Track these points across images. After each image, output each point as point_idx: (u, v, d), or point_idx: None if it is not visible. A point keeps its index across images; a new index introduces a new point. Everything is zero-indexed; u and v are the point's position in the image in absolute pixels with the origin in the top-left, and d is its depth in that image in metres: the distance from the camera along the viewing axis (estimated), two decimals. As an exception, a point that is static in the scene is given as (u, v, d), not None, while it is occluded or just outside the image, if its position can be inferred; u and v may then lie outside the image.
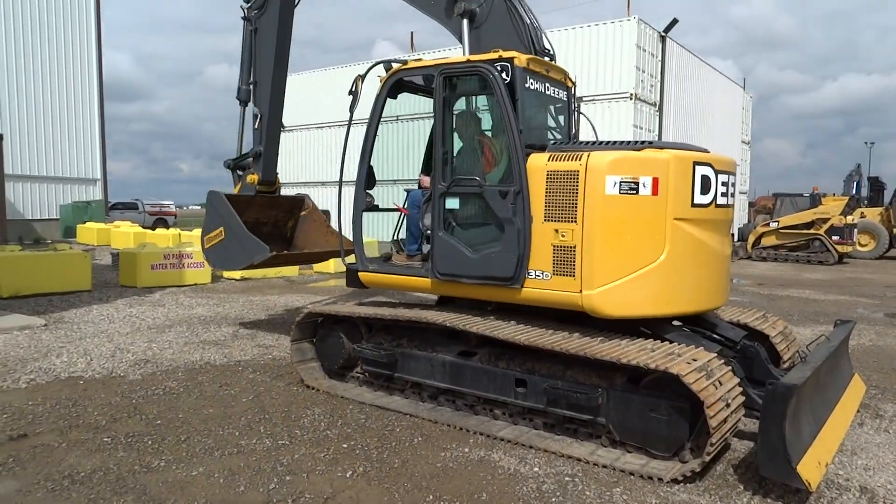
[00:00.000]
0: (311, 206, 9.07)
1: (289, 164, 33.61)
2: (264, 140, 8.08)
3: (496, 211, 4.99)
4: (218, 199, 7.68)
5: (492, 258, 5.03)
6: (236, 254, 7.49)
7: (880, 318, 10.68)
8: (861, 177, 26.43)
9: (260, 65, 8.02)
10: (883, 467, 4.40)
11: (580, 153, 4.74)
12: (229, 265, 8.13)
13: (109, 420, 5.06)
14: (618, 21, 22.77)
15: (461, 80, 5.37)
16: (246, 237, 7.38)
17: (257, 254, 7.32)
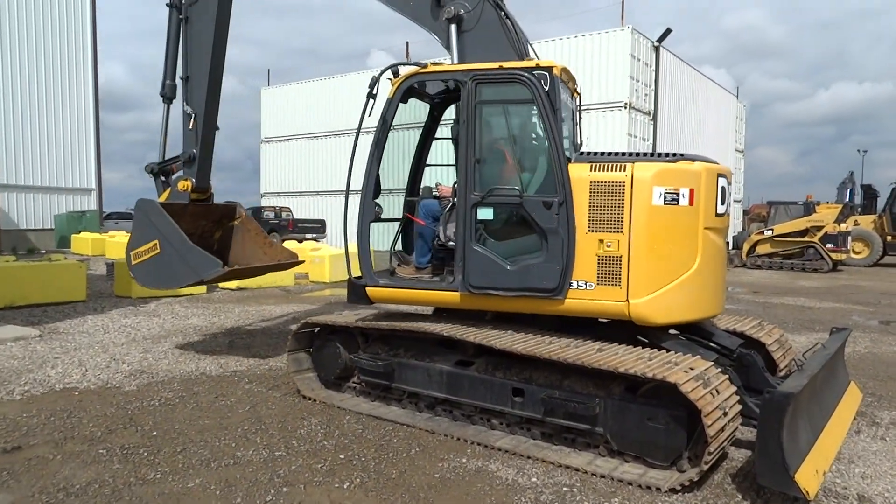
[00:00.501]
0: (243, 216, 8.05)
1: (282, 174, 33.65)
2: (199, 143, 7.22)
3: (539, 222, 4.89)
4: (152, 209, 6.87)
5: (533, 269, 4.93)
6: (177, 270, 6.69)
7: (875, 326, 10.71)
8: (854, 184, 26.61)
9: (193, 58, 7.21)
10: (880, 475, 4.40)
11: (622, 164, 4.82)
12: (166, 283, 7.13)
13: (105, 431, 5.03)
14: (612, 31, 22.92)
15: (495, 87, 5.17)
16: (191, 251, 6.63)
17: (207, 270, 6.60)
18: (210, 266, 6.57)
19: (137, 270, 6.99)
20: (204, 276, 6.65)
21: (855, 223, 23.42)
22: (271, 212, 30.29)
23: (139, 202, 7.03)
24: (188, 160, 7.28)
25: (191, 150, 7.25)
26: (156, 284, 7.17)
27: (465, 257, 5.11)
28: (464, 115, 5.14)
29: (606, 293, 4.82)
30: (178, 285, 7.15)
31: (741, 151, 34.70)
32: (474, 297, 5.16)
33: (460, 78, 5.18)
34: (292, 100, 33.06)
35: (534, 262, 4.95)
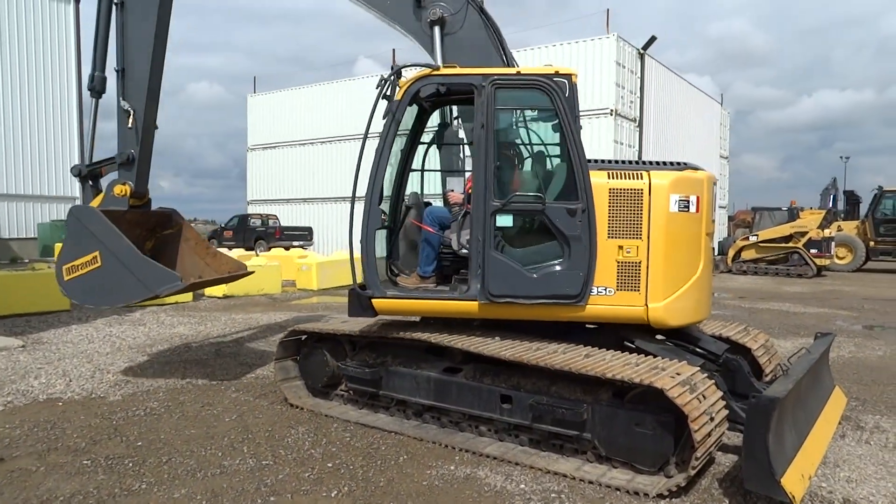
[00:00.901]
0: (180, 224, 7.22)
1: (269, 181, 33.53)
2: (140, 142, 6.47)
3: (562, 229, 4.88)
4: (91, 217, 6.15)
5: (556, 277, 4.92)
6: (123, 285, 6.00)
7: (859, 331, 10.81)
8: (837, 190, 26.92)
9: (131, 48, 6.46)
10: (865, 479, 4.43)
11: (639, 172, 4.97)
12: (109, 300, 6.45)
13: (89, 442, 4.97)
14: (597, 38, 23.08)
15: (514, 92, 5.08)
16: (143, 264, 6.01)
17: (162, 284, 5.97)
18: (166, 280, 5.98)
19: (72, 287, 6.19)
20: (158, 291, 5.99)
21: (838, 229, 23.65)
22: (258, 219, 30.22)
23: (74, 209, 6.30)
24: (126, 162, 6.51)
25: (129, 150, 6.49)
26: (96, 302, 6.53)
27: (485, 265, 4.95)
28: (482, 120, 4.98)
29: (626, 298, 4.92)
30: (123, 302, 6.58)
31: (726, 158, 34.98)
32: (494, 307, 5.03)
33: (478, 82, 5.01)
34: (279, 107, 32.97)
35: (555, 269, 4.93)
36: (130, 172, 6.54)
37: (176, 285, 5.99)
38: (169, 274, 6.02)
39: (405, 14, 5.84)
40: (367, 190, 5.22)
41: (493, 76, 4.98)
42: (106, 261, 6.00)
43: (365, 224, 5.22)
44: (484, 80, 4.98)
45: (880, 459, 4.80)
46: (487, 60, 5.58)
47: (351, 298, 5.38)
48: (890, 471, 4.58)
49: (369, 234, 5.23)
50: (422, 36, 5.81)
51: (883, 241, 22.93)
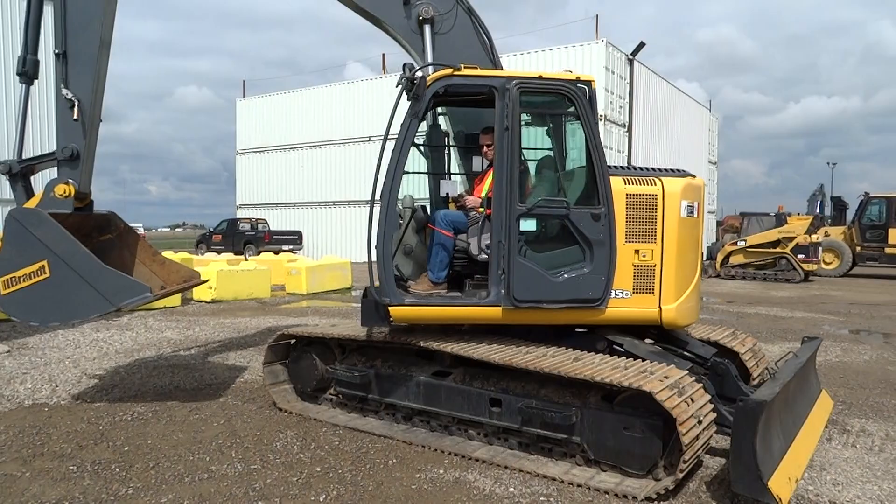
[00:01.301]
0: (121, 228, 6.45)
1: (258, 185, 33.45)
2: (87, 136, 5.71)
3: (586, 233, 4.93)
4: (38, 221, 5.35)
5: (580, 280, 4.95)
6: (78, 299, 5.29)
7: (845, 335, 10.89)
8: (824, 196, 27.14)
9: (73, 28, 5.68)
10: (851, 482, 4.46)
11: (651, 178, 5.13)
12: (59, 315, 5.55)
13: (75, 448, 4.93)
14: (586, 44, 23.22)
15: (538, 97, 5.08)
16: (105, 274, 5.30)
17: (129, 296, 5.32)
18: (133, 292, 5.32)
19: (11, 302, 5.35)
20: (122, 303, 5.33)
21: (825, 234, 23.83)
22: (247, 223, 30.11)
23: (14, 212, 5.44)
24: (69, 158, 5.69)
25: (72, 144, 5.68)
26: (42, 318, 5.52)
27: (510, 270, 4.88)
28: (505, 124, 4.91)
29: (641, 301, 5.07)
30: (78, 318, 5.83)
31: (714, 163, 35.23)
32: (517, 312, 4.97)
33: (501, 84, 4.93)
34: (268, 111, 32.94)
35: (579, 273, 4.96)
36: (75, 170, 5.71)
37: (144, 297, 5.35)
38: (135, 285, 5.36)
39: (393, 11, 5.72)
40: (384, 192, 4.91)
41: (516, 79, 4.94)
42: (56, 271, 5.26)
43: (382, 228, 4.93)
44: (508, 82, 4.92)
45: (866, 463, 4.84)
46: (477, 63, 5.60)
47: (365, 307, 5.20)
48: (875, 474, 4.62)
49: (386, 238, 4.97)
50: (411, 35, 5.70)
51: (869, 246, 23.13)
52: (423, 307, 5.07)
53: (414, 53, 5.81)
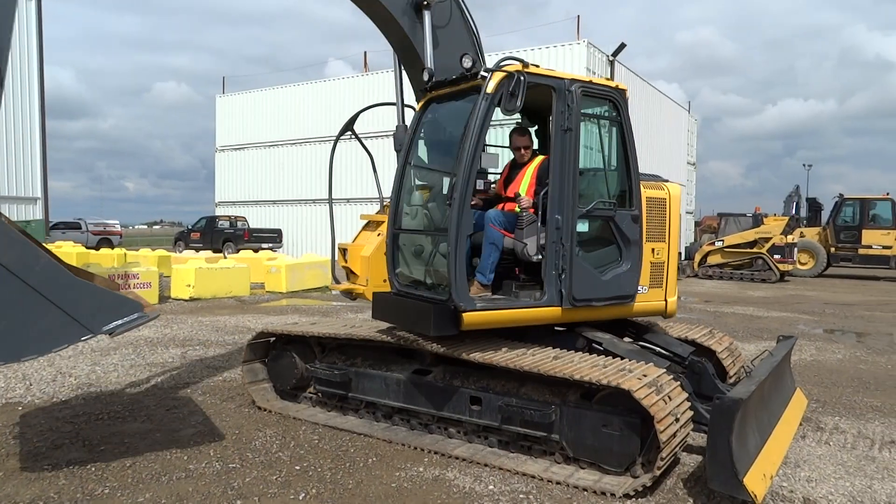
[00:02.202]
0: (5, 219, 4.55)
1: (238, 182, 33.20)
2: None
3: (627, 234, 5.18)
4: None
5: (621, 278, 5.20)
6: (40, 326, 3.75)
7: (820, 334, 11.06)
8: (800, 198, 27.42)
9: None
10: (824, 479, 4.54)
11: (659, 183, 5.60)
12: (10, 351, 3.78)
13: (50, 447, 4.86)
14: (568, 44, 23.33)
15: (592, 100, 5.14)
16: (81, 291, 3.87)
17: (116, 317, 3.91)
18: (121, 312, 3.95)
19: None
20: (106, 328, 3.85)
21: (801, 235, 24.16)
22: (226, 221, 29.85)
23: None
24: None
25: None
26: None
27: (571, 271, 4.93)
28: (565, 125, 4.91)
29: (654, 295, 5.49)
30: (39, 352, 3.88)
31: (693, 164, 35.56)
32: (573, 311, 5.06)
33: (562, 86, 4.92)
34: (248, 108, 32.68)
35: (619, 271, 5.21)
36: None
37: (135, 319, 3.97)
38: (122, 302, 4.03)
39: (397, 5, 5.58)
40: (460, 193, 4.61)
41: (578, 81, 5.02)
42: (3, 290, 3.68)
43: (455, 227, 4.60)
44: (570, 84, 4.95)
45: (839, 459, 4.92)
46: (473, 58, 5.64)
47: (436, 314, 4.69)
48: (848, 470, 4.70)
49: (460, 239, 4.64)
50: (406, 22, 5.59)
51: (843, 247, 23.52)
52: (491, 311, 4.87)
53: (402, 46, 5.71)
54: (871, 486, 4.41)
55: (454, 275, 4.60)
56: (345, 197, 25.02)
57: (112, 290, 4.19)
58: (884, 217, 23.23)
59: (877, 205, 23.43)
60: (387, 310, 5.28)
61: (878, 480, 4.53)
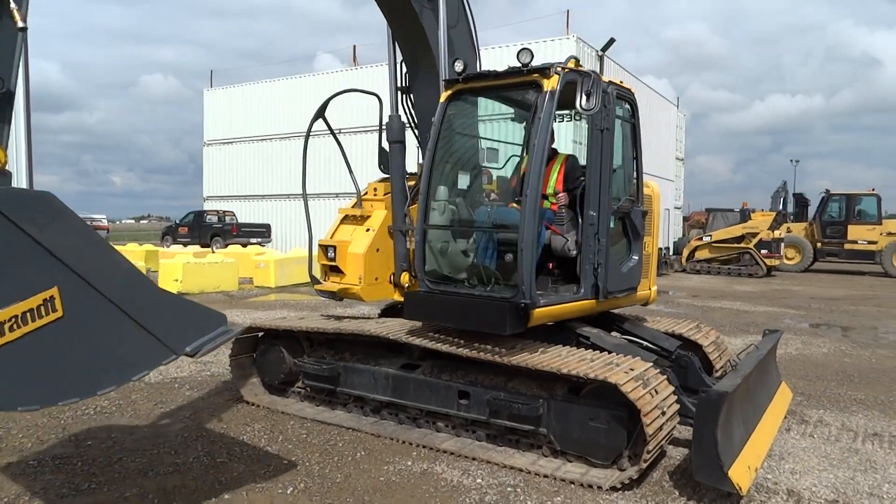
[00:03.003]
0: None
1: (226, 177, 33.03)
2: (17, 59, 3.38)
3: (639, 229, 5.46)
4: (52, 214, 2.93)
5: (633, 270, 5.48)
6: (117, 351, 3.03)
7: (806, 328, 11.16)
8: (787, 193, 27.56)
9: None
10: (808, 471, 4.59)
11: (646, 182, 5.69)
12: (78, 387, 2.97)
13: (36, 442, 4.84)
14: (557, 39, 23.32)
15: (621, 102, 5.24)
16: (167, 303, 3.23)
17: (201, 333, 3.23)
18: (206, 327, 3.28)
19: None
20: (190, 348, 3.15)
21: (788, 230, 24.31)
22: (214, 216, 29.71)
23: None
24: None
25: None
26: (46, 395, 2.94)
27: (607, 265, 5.04)
28: (602, 125, 4.96)
29: (644, 284, 5.76)
30: (111, 385, 3.06)
31: (681, 160, 35.67)
32: (602, 303, 5.21)
33: (603, 87, 4.94)
34: (236, 102, 32.46)
35: (631, 264, 5.46)
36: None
37: (220, 335, 3.30)
38: (208, 315, 3.35)
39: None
40: (532, 191, 4.52)
41: (613, 83, 5.14)
42: (75, 306, 2.93)
43: (529, 228, 4.52)
44: (608, 85, 5.03)
45: (823, 452, 4.97)
46: (465, 50, 5.63)
47: (502, 311, 4.55)
48: (831, 462, 4.75)
49: (531, 234, 4.53)
50: (426, 14, 5.52)
51: (829, 242, 23.71)
52: (551, 307, 4.83)
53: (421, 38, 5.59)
54: (854, 478, 4.46)
55: (527, 272, 4.48)
56: (333, 192, 24.94)
57: (193, 301, 3.45)
58: (869, 213, 23.41)
59: (862, 200, 23.62)
60: (431, 309, 5.03)
61: (861, 472, 4.58)
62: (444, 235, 5.26)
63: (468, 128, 5.63)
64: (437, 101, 5.56)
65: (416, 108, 6.04)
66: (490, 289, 4.84)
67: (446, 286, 5.05)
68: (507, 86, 5.07)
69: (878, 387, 7.03)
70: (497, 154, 6.17)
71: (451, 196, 5.31)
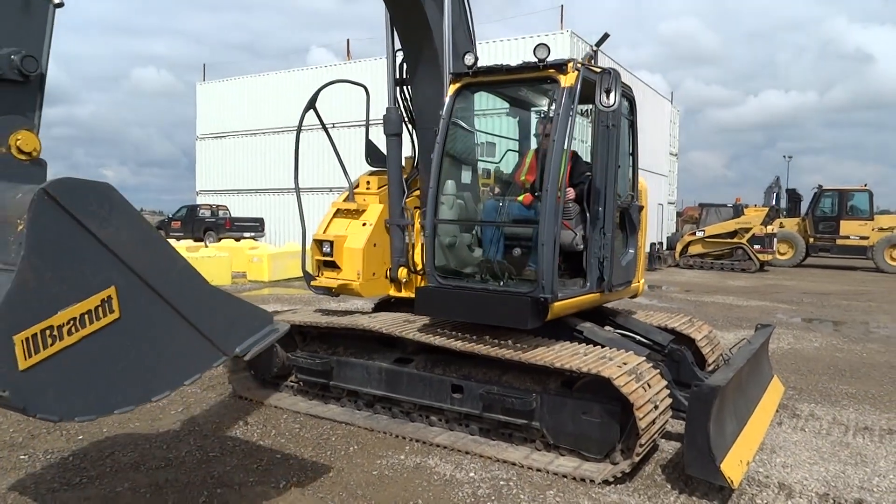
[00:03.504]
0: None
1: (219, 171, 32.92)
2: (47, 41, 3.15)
3: (635, 223, 5.60)
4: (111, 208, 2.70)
5: (630, 264, 5.59)
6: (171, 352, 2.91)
7: (798, 323, 11.21)
8: (780, 188, 27.66)
9: None
10: (799, 464, 4.61)
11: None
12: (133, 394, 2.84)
13: (27, 437, 4.81)
14: (551, 34, 23.28)
15: (625, 99, 5.27)
16: (219, 301, 3.14)
17: (249, 333, 3.29)
18: (253, 326, 3.32)
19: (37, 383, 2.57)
20: (240, 348, 3.21)
21: (780, 226, 24.40)
22: (207, 210, 29.60)
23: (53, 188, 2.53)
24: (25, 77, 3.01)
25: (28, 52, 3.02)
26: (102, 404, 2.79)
27: (612, 259, 5.11)
28: (609, 121, 4.96)
29: (636, 277, 5.86)
30: (165, 390, 2.95)
31: (675, 155, 35.74)
32: (605, 296, 5.29)
33: None
34: (229, 96, 32.32)
35: (629, 257, 5.57)
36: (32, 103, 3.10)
37: (269, 334, 3.40)
38: (255, 313, 3.38)
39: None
40: (552, 185, 4.51)
41: None
42: (132, 307, 2.77)
43: (549, 220, 4.52)
44: None
45: (814, 446, 5.00)
46: (464, 44, 5.62)
47: (524, 306, 4.56)
48: (822, 456, 4.78)
49: (550, 233, 4.52)
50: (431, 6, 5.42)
51: (821, 237, 23.79)
52: (567, 300, 4.83)
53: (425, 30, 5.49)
54: (845, 472, 4.49)
55: (548, 267, 4.50)
56: (327, 186, 24.88)
57: (241, 299, 3.34)
58: (861, 208, 23.52)
59: (854, 196, 23.72)
60: (446, 304, 4.98)
61: (852, 466, 4.61)
62: (454, 230, 5.25)
63: (476, 121, 5.63)
64: (435, 94, 5.57)
65: (413, 101, 5.98)
66: (504, 283, 4.83)
67: (458, 281, 5.05)
68: (520, 80, 5.07)
69: (869, 381, 7.07)
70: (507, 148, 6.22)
71: (460, 190, 5.32)
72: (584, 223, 5.10)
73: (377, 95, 6.22)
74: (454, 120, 5.20)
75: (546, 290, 4.51)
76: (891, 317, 12.15)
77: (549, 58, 4.66)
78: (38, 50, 3.09)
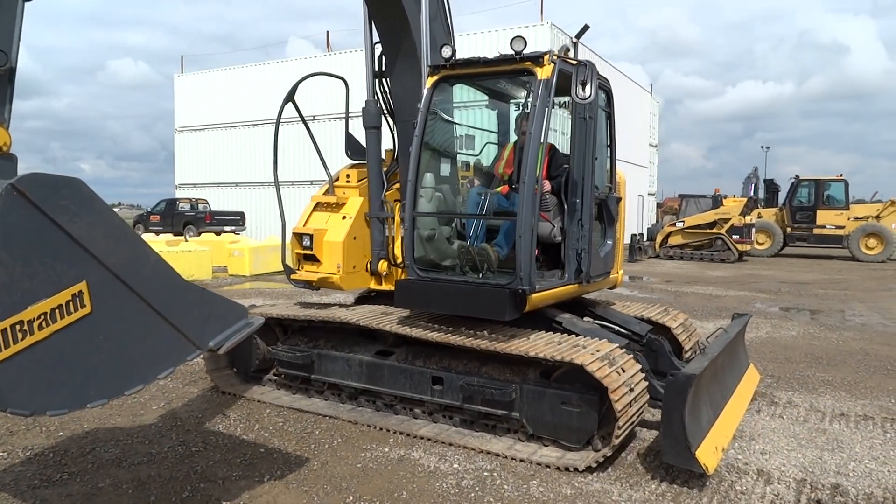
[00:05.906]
0: None
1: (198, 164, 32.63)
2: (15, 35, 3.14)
3: (613, 215, 5.65)
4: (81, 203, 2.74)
5: (609, 255, 5.68)
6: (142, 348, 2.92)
7: (776, 312, 11.37)
8: (758, 179, 27.90)
9: None
10: (777, 451, 4.70)
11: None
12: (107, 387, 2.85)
13: (5, 433, 4.77)
14: (531, 26, 23.31)
15: (602, 92, 5.35)
16: (193, 296, 3.09)
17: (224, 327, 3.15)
18: (228, 319, 3.19)
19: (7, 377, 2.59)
20: (213, 342, 3.12)
21: (758, 216, 24.66)
22: (187, 203, 29.35)
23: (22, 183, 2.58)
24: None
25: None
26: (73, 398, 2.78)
27: (590, 251, 5.16)
28: (587, 114, 4.97)
29: (614, 268, 5.97)
30: (139, 384, 2.96)
31: (655, 146, 36.01)
32: (583, 287, 5.36)
33: None
34: (208, 88, 32.01)
35: (607, 248, 5.63)
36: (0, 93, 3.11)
37: (243, 327, 3.20)
38: (231, 307, 3.23)
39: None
40: (529, 177, 4.52)
41: None
42: (103, 302, 2.80)
43: (528, 215, 4.53)
44: None
45: (792, 432, 5.09)
46: (441, 36, 5.61)
47: (502, 297, 4.56)
48: (800, 443, 4.87)
49: (529, 223, 4.53)
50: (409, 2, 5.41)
51: (799, 227, 24.10)
52: (544, 292, 4.82)
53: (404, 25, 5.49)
54: (822, 458, 4.58)
55: (526, 259, 4.52)
56: (307, 179, 24.74)
57: (215, 293, 3.28)
58: (837, 198, 23.83)
59: (831, 186, 24.02)
60: (425, 297, 4.98)
61: (829, 451, 4.70)
62: (433, 223, 5.24)
63: (454, 114, 5.64)
64: (414, 87, 5.57)
65: (392, 94, 5.97)
66: (483, 275, 4.86)
67: (437, 273, 5.07)
68: (497, 73, 5.06)
69: (845, 368, 7.20)
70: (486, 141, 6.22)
71: (439, 183, 5.31)
72: (561, 215, 5.14)
73: (357, 88, 6.19)
74: (433, 112, 5.19)
75: (524, 281, 4.53)
76: (866, 305, 12.37)
77: (527, 50, 4.65)
78: (8, 44, 3.11)
